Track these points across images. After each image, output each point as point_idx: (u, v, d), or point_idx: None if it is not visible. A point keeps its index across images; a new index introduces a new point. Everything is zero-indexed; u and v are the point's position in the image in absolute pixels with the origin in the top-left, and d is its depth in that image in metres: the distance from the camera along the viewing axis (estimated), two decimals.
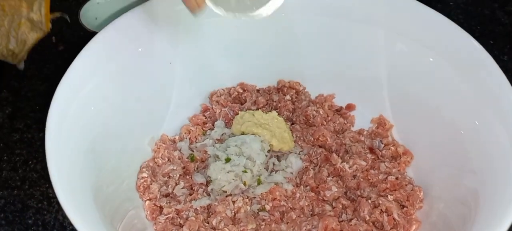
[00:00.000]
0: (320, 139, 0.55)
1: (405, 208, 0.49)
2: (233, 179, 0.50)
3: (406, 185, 0.50)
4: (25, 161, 0.55)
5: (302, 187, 0.51)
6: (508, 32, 0.69)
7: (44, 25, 0.56)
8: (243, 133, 0.54)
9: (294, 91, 0.60)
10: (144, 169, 0.52)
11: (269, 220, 0.49)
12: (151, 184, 0.51)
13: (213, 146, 0.54)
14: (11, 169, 0.55)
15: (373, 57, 0.57)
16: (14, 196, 0.53)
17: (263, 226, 0.48)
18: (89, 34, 0.51)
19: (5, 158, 0.55)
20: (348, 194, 0.51)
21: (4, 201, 0.52)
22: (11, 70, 0.64)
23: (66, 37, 0.67)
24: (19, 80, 0.63)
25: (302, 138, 0.55)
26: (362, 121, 0.58)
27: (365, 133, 0.57)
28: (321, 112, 0.57)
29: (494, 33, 0.69)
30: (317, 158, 0.53)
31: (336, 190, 0.50)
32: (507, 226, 0.38)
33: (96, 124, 0.49)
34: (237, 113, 0.56)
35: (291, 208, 0.50)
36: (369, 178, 0.51)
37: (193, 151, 0.54)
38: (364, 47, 0.57)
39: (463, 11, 0.71)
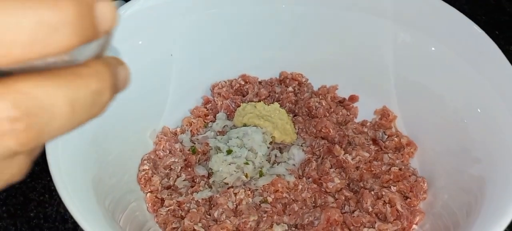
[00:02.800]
0: (322, 130, 0.54)
1: (408, 199, 0.48)
2: (235, 171, 0.50)
3: (409, 176, 0.50)
4: None
5: (304, 178, 0.51)
6: None
7: None
8: (245, 125, 0.53)
9: (297, 82, 0.59)
10: (146, 161, 0.52)
11: (271, 212, 0.48)
12: (152, 176, 0.51)
13: (215, 138, 0.53)
14: None
15: (377, 47, 0.56)
16: (16, 189, 0.53)
17: (265, 218, 0.48)
18: None
19: None
20: (351, 185, 0.51)
21: (6, 194, 0.52)
22: None
23: None
24: None
25: (304, 130, 0.55)
26: (365, 112, 0.57)
27: (368, 124, 0.56)
28: (323, 104, 0.56)
29: (499, 22, 0.68)
30: (320, 149, 0.53)
31: (338, 181, 0.50)
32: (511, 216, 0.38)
33: (96, 118, 0.48)
34: (238, 106, 0.56)
35: (293, 200, 0.49)
36: (372, 169, 0.51)
37: (194, 143, 0.54)
38: (367, 38, 0.56)
39: (468, 0, 0.70)
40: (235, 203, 0.49)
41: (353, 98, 0.59)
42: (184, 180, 0.51)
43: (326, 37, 0.58)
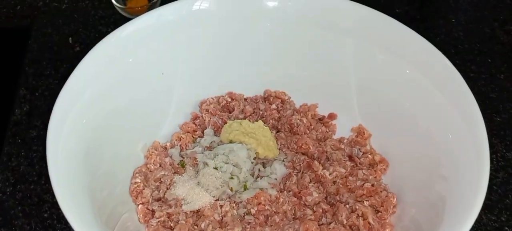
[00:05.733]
0: (303, 146, 0.58)
1: (379, 213, 0.52)
2: (221, 185, 0.53)
3: (381, 191, 0.54)
4: (41, 157, 0.58)
5: (285, 192, 0.54)
6: (506, 51, 0.70)
7: None
8: (231, 141, 0.57)
9: (280, 100, 0.63)
10: (137, 175, 0.55)
11: (254, 223, 0.52)
12: (143, 189, 0.54)
13: (203, 153, 0.57)
14: (28, 164, 0.57)
15: (356, 67, 0.60)
16: (31, 190, 0.55)
17: (249, 229, 0.51)
18: (104, 35, 0.54)
19: (22, 153, 0.58)
20: (328, 199, 0.54)
21: (21, 195, 0.55)
22: (29, 69, 0.66)
23: (82, 38, 0.70)
24: (37, 79, 0.65)
25: (286, 146, 0.59)
26: (343, 129, 0.61)
27: (345, 141, 0.60)
28: (304, 121, 0.60)
29: (492, 51, 0.70)
30: (300, 164, 0.56)
31: (317, 195, 0.54)
32: (468, 229, 0.42)
33: (91, 132, 0.52)
34: (225, 122, 0.59)
35: (274, 212, 0.53)
36: (348, 184, 0.55)
37: (183, 157, 0.57)
38: (347, 58, 0.60)
39: (464, 28, 0.72)
40: (221, 215, 0.52)
41: (332, 116, 0.62)
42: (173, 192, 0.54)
43: (308, 58, 0.62)
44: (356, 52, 0.59)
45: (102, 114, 0.53)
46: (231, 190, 0.54)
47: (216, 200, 0.53)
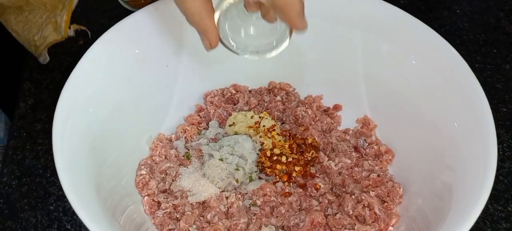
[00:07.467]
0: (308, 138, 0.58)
1: (385, 203, 0.52)
2: (226, 176, 0.53)
3: (387, 182, 0.54)
4: (47, 150, 0.58)
5: (291, 183, 0.54)
6: None
7: (62, 30, 0.59)
8: (236, 133, 0.57)
9: (284, 92, 0.63)
10: (143, 166, 0.55)
11: (260, 214, 0.52)
12: (149, 180, 0.54)
13: (208, 144, 0.57)
14: (34, 157, 0.58)
15: (359, 59, 0.60)
16: (37, 183, 0.56)
17: (254, 220, 0.51)
18: (107, 29, 0.54)
19: (28, 147, 0.59)
20: (333, 190, 0.55)
21: (27, 188, 0.55)
22: (33, 63, 0.66)
23: (86, 32, 0.70)
24: (41, 73, 0.66)
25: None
26: (348, 120, 0.61)
27: (350, 132, 0.60)
28: (309, 113, 0.60)
29: (498, 41, 0.70)
30: None
31: (322, 186, 0.54)
32: (475, 219, 0.42)
33: (96, 125, 0.52)
34: (230, 114, 0.59)
35: (280, 203, 0.53)
36: (354, 175, 0.55)
37: (188, 149, 0.57)
38: (351, 50, 0.60)
39: (469, 19, 0.72)
40: (226, 206, 0.52)
41: (337, 107, 0.62)
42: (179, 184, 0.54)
43: (313, 49, 0.61)
44: (362, 43, 0.59)
45: (107, 107, 0.53)
46: (237, 181, 0.54)
47: (222, 191, 0.53)
